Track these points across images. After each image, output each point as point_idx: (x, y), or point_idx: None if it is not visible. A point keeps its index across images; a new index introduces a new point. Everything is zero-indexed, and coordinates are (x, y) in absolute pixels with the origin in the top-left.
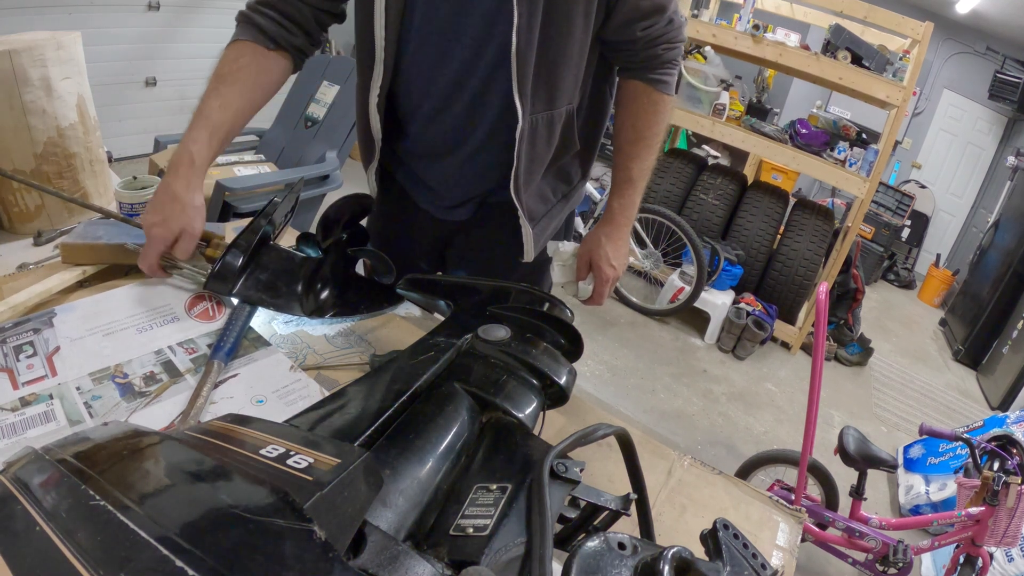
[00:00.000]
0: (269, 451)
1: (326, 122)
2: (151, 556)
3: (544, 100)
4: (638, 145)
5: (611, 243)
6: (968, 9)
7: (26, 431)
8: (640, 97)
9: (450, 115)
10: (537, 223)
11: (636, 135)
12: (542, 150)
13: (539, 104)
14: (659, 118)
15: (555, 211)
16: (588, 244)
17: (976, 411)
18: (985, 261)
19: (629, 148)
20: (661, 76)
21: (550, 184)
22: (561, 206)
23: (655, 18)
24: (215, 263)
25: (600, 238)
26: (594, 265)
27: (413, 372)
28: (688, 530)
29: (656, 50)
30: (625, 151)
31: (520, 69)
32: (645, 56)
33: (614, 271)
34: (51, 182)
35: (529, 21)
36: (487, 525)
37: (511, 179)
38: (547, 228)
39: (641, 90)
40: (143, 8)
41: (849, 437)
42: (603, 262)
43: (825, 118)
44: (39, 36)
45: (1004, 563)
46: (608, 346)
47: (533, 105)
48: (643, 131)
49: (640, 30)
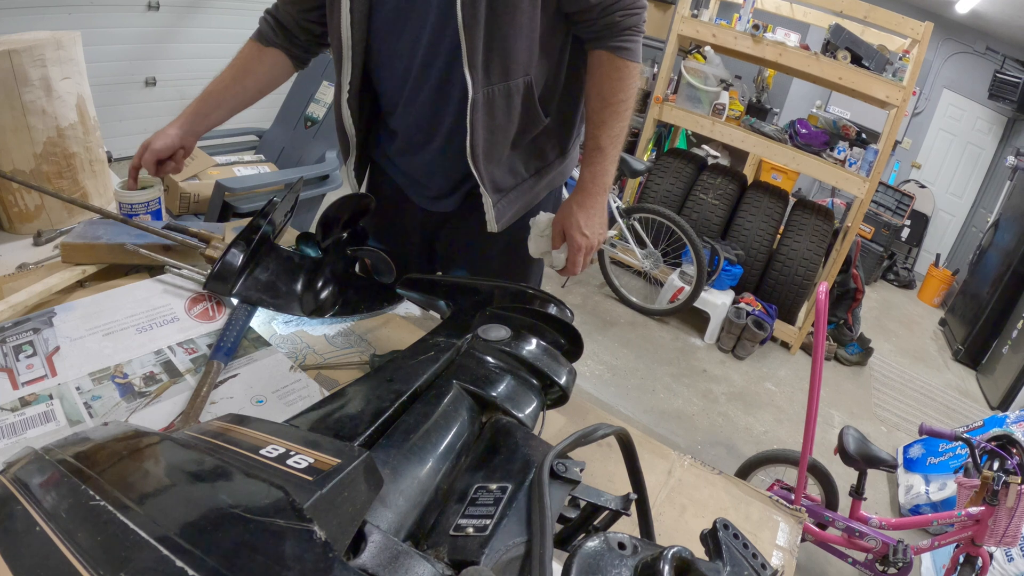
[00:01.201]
0: (269, 451)
1: (326, 122)
2: (151, 556)
3: (499, 72)
4: (604, 112)
5: (583, 211)
6: (968, 9)
7: (26, 431)
8: (604, 64)
9: (420, 103)
10: (504, 195)
11: (602, 102)
12: (503, 121)
13: (494, 76)
14: (624, 84)
15: (526, 186)
16: (561, 213)
17: (976, 411)
18: (985, 261)
19: (596, 116)
20: (622, 43)
21: (521, 158)
22: (534, 182)
23: None
24: (215, 263)
25: (572, 207)
26: (566, 234)
27: (413, 372)
28: (688, 530)
29: (613, 17)
30: (593, 120)
31: (469, 43)
32: (603, 24)
33: (587, 239)
34: (51, 182)
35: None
36: (487, 525)
37: (466, 148)
38: (516, 202)
39: (604, 58)
40: (143, 8)
41: (849, 437)
42: (575, 230)
43: (825, 118)
44: (39, 36)
45: (1004, 563)
46: (608, 346)
47: (488, 77)
48: (608, 98)
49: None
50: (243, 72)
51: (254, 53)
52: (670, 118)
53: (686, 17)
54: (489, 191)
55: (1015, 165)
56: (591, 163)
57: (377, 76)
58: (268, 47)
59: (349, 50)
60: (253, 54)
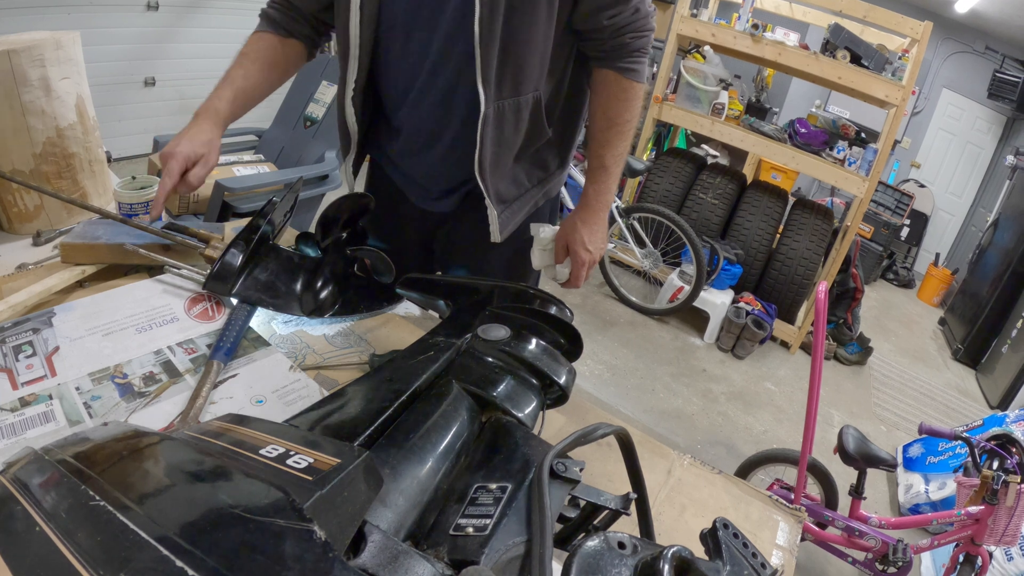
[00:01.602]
0: (269, 451)
1: (325, 122)
2: (151, 556)
3: (510, 87)
4: (609, 132)
5: (586, 228)
6: (967, 8)
7: (26, 431)
8: (610, 85)
9: (426, 107)
10: (508, 206)
11: (607, 123)
12: (510, 135)
13: (505, 90)
14: (629, 105)
15: (529, 196)
16: (565, 229)
17: (975, 410)
18: (984, 260)
19: (601, 136)
20: (630, 64)
21: (525, 170)
22: (536, 191)
23: (620, 7)
24: (214, 263)
25: (576, 223)
26: (571, 249)
27: (413, 372)
28: (688, 529)
29: (624, 38)
30: (598, 139)
31: (484, 58)
32: (613, 45)
33: (590, 255)
34: (50, 182)
35: (491, 11)
36: (487, 525)
37: (475, 162)
38: (519, 212)
39: (611, 78)
40: (142, 8)
41: (849, 436)
42: (579, 246)
43: (824, 117)
44: (38, 36)
45: (1004, 562)
46: (608, 346)
47: (499, 92)
48: (614, 119)
49: (606, 19)
50: (270, 66)
51: (275, 45)
52: (669, 117)
53: (685, 16)
54: (494, 202)
55: (1014, 164)
56: (595, 181)
57: (383, 76)
58: (289, 38)
59: (357, 48)
60: (275, 46)
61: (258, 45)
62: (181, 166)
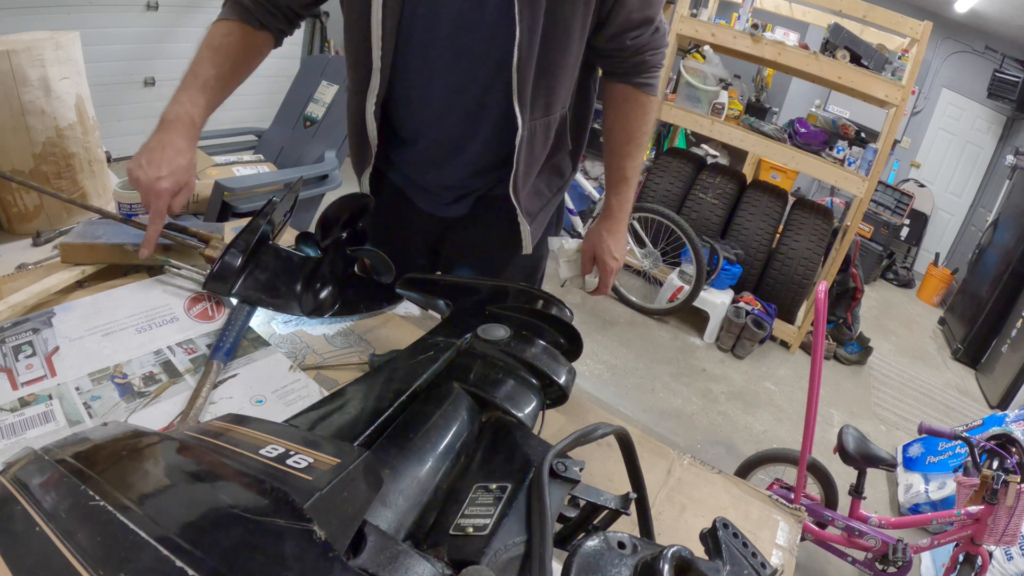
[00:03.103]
0: (269, 451)
1: (325, 122)
2: (151, 556)
3: (542, 108)
4: (629, 145)
5: (612, 237)
6: (967, 8)
7: (25, 431)
8: (629, 100)
9: (449, 124)
10: (534, 218)
11: (627, 136)
12: (539, 153)
13: (537, 112)
14: (647, 118)
15: (550, 205)
16: (591, 240)
17: (975, 410)
18: (984, 260)
19: (621, 149)
20: (647, 80)
21: (545, 180)
22: (555, 199)
23: (644, 28)
24: (214, 263)
25: (602, 233)
26: (598, 259)
27: (412, 372)
28: (688, 529)
29: (644, 56)
30: (618, 152)
31: (520, 81)
32: (633, 62)
33: (616, 263)
34: (50, 182)
35: (530, 36)
36: (487, 525)
37: (510, 182)
38: (543, 222)
39: (629, 94)
40: (142, 8)
41: (848, 436)
42: (606, 255)
43: (824, 117)
44: (38, 36)
45: (1003, 562)
46: (608, 346)
47: (532, 113)
48: (633, 132)
49: (630, 39)
50: (242, 64)
51: (246, 38)
52: (669, 117)
53: (685, 16)
54: (525, 218)
55: (1014, 164)
56: (618, 192)
57: (400, 88)
58: (261, 31)
59: (379, 61)
60: (246, 40)
61: (229, 40)
62: (167, 203)
